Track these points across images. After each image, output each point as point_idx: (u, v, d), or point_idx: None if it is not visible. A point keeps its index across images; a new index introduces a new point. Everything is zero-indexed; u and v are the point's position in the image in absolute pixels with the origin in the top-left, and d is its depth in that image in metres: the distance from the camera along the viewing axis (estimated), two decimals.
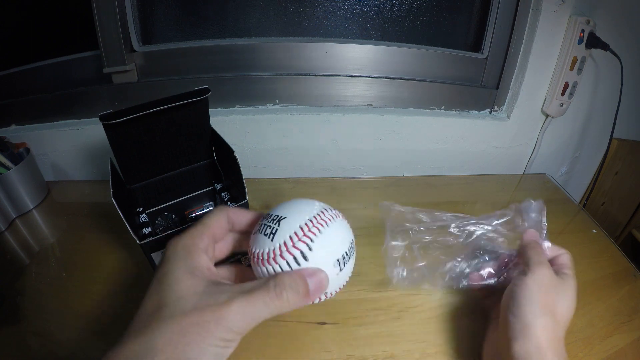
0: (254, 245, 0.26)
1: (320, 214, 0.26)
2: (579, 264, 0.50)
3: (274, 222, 0.25)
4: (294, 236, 0.24)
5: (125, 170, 0.42)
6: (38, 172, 0.60)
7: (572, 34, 0.58)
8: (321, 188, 0.65)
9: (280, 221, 0.25)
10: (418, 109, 0.67)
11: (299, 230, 0.24)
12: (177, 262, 0.24)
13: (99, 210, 0.58)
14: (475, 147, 0.69)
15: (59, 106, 0.62)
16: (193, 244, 0.25)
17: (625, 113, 0.65)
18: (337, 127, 0.64)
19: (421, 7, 0.64)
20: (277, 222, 0.25)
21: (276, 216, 0.26)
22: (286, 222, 0.25)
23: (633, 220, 0.84)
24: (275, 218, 0.25)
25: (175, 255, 0.24)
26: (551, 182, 0.71)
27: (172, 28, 0.64)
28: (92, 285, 0.45)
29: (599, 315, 0.43)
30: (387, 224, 0.43)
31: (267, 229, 0.25)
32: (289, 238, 0.24)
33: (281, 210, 0.26)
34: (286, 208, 0.26)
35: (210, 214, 0.28)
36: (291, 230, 0.24)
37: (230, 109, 0.64)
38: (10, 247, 0.51)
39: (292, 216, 0.25)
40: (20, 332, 0.39)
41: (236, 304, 0.21)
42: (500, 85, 0.67)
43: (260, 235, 0.26)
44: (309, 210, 0.26)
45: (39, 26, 0.62)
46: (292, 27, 0.64)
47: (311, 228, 0.25)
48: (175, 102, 0.38)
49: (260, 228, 0.26)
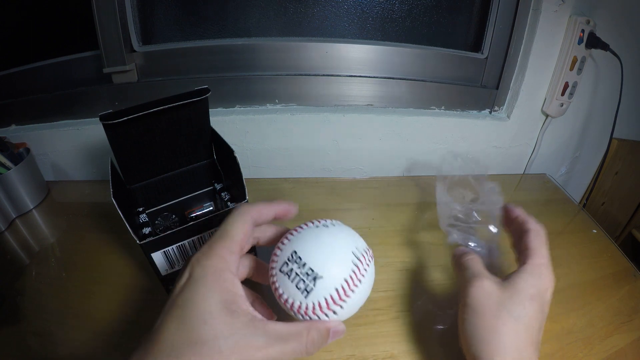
0: (282, 287, 0.25)
1: (356, 269, 0.25)
2: (579, 264, 0.51)
3: (308, 278, 0.24)
4: (329, 299, 0.24)
5: (125, 170, 0.42)
6: (38, 172, 0.60)
7: (572, 34, 0.58)
8: (321, 188, 0.65)
9: (315, 280, 0.24)
10: (418, 109, 0.67)
11: (334, 294, 0.24)
12: (209, 292, 0.22)
13: (99, 210, 0.58)
14: (475, 147, 0.69)
15: (59, 106, 0.62)
16: (225, 267, 0.24)
17: (625, 113, 0.65)
18: (337, 127, 0.64)
19: (421, 7, 0.64)
20: (313, 280, 0.24)
21: (310, 270, 0.24)
22: (322, 283, 0.24)
23: (633, 220, 0.84)
24: (310, 273, 0.24)
25: (205, 280, 0.23)
26: (551, 182, 0.71)
27: (172, 28, 0.64)
28: (92, 285, 0.45)
29: (599, 315, 0.43)
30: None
31: (300, 282, 0.24)
32: (324, 300, 0.24)
33: (312, 254, 0.25)
34: (319, 253, 0.25)
35: (233, 220, 0.26)
36: (327, 293, 0.24)
37: (230, 109, 0.64)
38: (10, 247, 0.51)
39: (328, 274, 0.24)
40: (20, 332, 0.39)
41: (271, 350, 0.22)
42: (500, 85, 0.67)
43: (289, 282, 0.25)
44: (345, 264, 0.25)
45: (39, 26, 0.62)
46: (292, 27, 0.64)
47: (347, 292, 0.24)
48: (175, 102, 0.38)
49: (290, 273, 0.25)
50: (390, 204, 0.61)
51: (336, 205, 0.60)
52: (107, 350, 0.37)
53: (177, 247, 0.37)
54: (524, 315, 0.29)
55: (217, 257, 0.24)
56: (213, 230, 0.39)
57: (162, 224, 0.48)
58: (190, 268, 0.24)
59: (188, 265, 0.24)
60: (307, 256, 0.25)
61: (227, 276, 0.23)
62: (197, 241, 0.38)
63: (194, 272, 0.23)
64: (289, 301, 0.25)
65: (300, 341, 0.23)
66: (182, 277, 0.24)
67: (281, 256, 0.26)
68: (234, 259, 0.25)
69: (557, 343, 0.39)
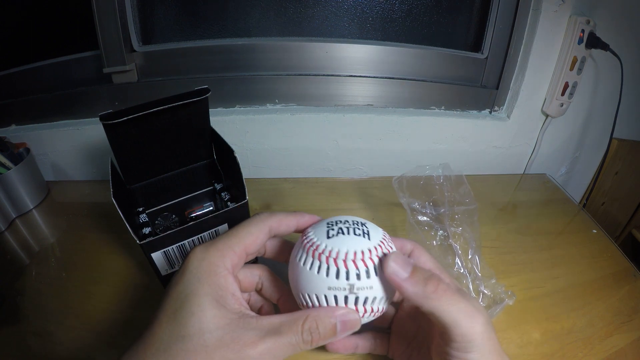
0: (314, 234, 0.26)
1: (385, 239, 0.27)
2: (579, 264, 0.51)
3: (359, 225, 0.26)
4: (373, 249, 0.25)
5: (125, 170, 0.42)
6: (38, 172, 0.60)
7: (572, 34, 0.58)
8: (321, 188, 0.65)
9: (365, 225, 0.27)
10: (418, 109, 0.67)
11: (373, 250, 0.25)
12: (200, 285, 0.22)
13: (99, 210, 0.58)
14: (475, 147, 0.69)
15: (59, 106, 0.62)
16: (220, 262, 0.23)
17: (625, 113, 0.65)
18: (337, 127, 0.64)
19: (421, 7, 0.64)
20: (363, 225, 0.27)
21: (356, 221, 0.27)
22: (372, 230, 0.27)
23: (633, 220, 0.84)
24: (358, 223, 0.27)
25: (198, 273, 0.22)
26: (551, 182, 0.71)
27: (172, 28, 0.64)
28: (92, 285, 0.45)
29: (599, 315, 0.43)
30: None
31: (354, 229, 0.26)
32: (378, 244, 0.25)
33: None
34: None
35: (247, 224, 0.25)
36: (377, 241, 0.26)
37: (230, 109, 0.64)
38: (10, 247, 0.51)
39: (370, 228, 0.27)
40: (20, 332, 0.39)
41: (262, 344, 0.21)
42: (500, 85, 0.67)
43: (343, 233, 0.25)
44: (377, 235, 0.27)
45: (39, 26, 0.62)
46: (292, 27, 0.64)
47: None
48: (175, 102, 0.38)
49: (340, 228, 0.25)
50: (390, 204, 0.61)
51: (336, 205, 0.60)
52: (107, 350, 0.37)
53: (177, 247, 0.37)
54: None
55: (216, 251, 0.23)
56: (213, 230, 0.39)
57: (162, 224, 0.48)
58: (187, 261, 0.23)
59: (186, 258, 0.24)
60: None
61: (220, 271, 0.23)
62: (197, 241, 0.38)
63: (190, 264, 0.23)
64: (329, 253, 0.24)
65: (295, 331, 0.21)
66: (180, 269, 0.23)
67: (318, 228, 0.26)
68: (233, 258, 0.24)
69: (557, 343, 0.39)
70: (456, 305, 0.23)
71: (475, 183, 0.68)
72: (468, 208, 0.46)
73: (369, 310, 0.25)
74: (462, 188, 0.48)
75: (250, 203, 0.41)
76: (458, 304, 0.23)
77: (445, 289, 0.23)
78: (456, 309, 0.23)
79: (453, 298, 0.23)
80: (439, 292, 0.23)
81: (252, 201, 0.59)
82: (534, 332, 0.40)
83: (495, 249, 0.52)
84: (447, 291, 0.23)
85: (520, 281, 0.46)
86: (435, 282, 0.24)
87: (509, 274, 0.47)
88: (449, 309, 0.23)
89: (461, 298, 0.24)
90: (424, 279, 0.24)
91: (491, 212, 0.60)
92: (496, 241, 0.53)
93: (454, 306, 0.23)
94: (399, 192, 0.49)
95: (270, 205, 0.59)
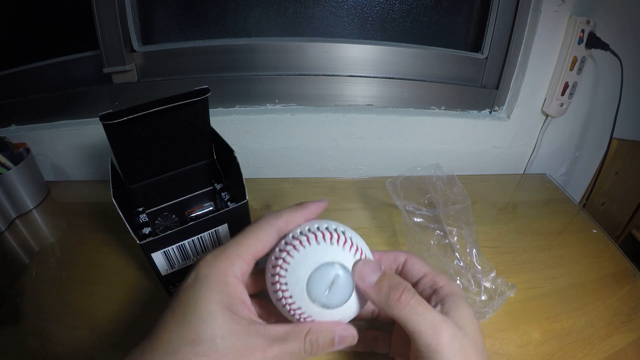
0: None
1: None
2: (579, 264, 0.51)
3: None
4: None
5: (125, 170, 0.42)
6: (38, 172, 0.60)
7: (572, 34, 0.58)
8: (321, 188, 0.65)
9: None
10: (418, 109, 0.67)
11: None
12: (210, 292, 0.22)
13: (99, 210, 0.58)
14: (475, 147, 0.69)
15: (59, 106, 0.62)
16: (230, 271, 0.23)
17: (625, 113, 0.65)
18: (337, 127, 0.64)
19: (421, 7, 0.64)
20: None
21: None
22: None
23: (633, 220, 0.84)
24: None
25: (209, 281, 0.23)
26: (551, 182, 0.71)
27: (172, 28, 0.64)
28: (92, 285, 0.45)
29: (599, 315, 0.43)
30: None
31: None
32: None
33: None
34: None
35: (256, 230, 0.25)
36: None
37: (230, 109, 0.64)
38: (10, 247, 0.51)
39: None
40: (20, 332, 0.39)
41: (270, 351, 0.22)
42: (500, 85, 0.67)
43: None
44: None
45: (39, 26, 0.62)
46: (292, 27, 0.64)
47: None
48: (175, 102, 0.38)
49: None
50: (390, 204, 0.61)
51: (336, 205, 0.60)
52: (107, 350, 0.37)
53: (177, 247, 0.37)
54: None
55: (226, 259, 0.24)
56: (213, 230, 0.39)
57: (162, 224, 0.48)
58: (197, 268, 0.24)
59: (196, 265, 0.24)
60: None
61: (230, 279, 0.23)
62: (197, 241, 0.38)
63: (200, 272, 0.23)
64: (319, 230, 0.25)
65: (299, 341, 0.23)
66: (189, 276, 0.24)
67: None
68: (242, 266, 0.24)
69: (557, 343, 0.39)
70: (420, 315, 0.24)
71: (475, 183, 0.69)
72: (462, 206, 0.47)
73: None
74: (455, 187, 0.48)
75: (250, 203, 0.41)
76: (424, 314, 0.24)
77: (409, 299, 0.24)
78: (420, 319, 0.24)
79: (417, 308, 0.24)
80: (402, 301, 0.24)
81: (252, 201, 0.59)
82: (534, 332, 0.40)
83: (495, 249, 0.52)
84: (410, 300, 0.24)
85: (520, 281, 0.46)
86: (399, 291, 0.24)
87: (509, 273, 0.47)
88: (410, 318, 0.24)
89: (426, 309, 0.24)
90: (389, 287, 0.25)
91: (491, 212, 0.60)
92: (496, 241, 0.53)
93: (419, 316, 0.24)
94: (393, 195, 0.49)
95: (270, 205, 0.59)
